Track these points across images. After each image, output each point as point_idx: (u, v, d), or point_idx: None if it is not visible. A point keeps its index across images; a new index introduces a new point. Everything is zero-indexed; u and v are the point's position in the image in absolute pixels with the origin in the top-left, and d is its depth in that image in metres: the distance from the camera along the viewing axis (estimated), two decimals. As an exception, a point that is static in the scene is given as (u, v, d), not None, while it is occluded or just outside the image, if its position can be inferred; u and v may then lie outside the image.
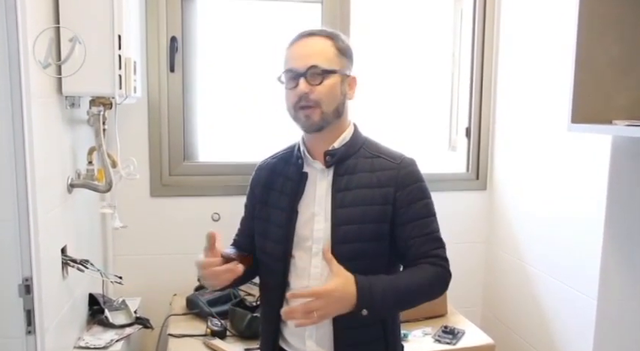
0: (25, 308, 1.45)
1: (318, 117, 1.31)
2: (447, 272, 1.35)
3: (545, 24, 2.17)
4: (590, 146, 1.90)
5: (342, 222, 1.32)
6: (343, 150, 1.36)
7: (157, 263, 2.31)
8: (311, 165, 1.39)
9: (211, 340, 1.90)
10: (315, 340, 1.37)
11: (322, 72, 1.30)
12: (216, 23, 2.36)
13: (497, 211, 2.54)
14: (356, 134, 1.40)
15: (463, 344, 1.98)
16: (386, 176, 1.34)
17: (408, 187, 1.34)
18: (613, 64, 1.54)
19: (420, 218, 1.34)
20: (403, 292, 1.29)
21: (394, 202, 1.32)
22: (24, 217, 1.42)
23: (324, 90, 1.30)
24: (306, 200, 1.38)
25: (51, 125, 1.62)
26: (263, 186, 1.46)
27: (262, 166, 1.50)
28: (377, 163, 1.36)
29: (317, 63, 1.30)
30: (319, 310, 1.20)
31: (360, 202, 1.33)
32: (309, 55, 1.32)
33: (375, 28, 2.54)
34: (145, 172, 2.25)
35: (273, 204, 1.41)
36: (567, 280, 2.04)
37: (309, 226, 1.36)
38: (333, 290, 1.22)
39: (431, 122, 2.74)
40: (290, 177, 1.40)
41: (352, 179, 1.34)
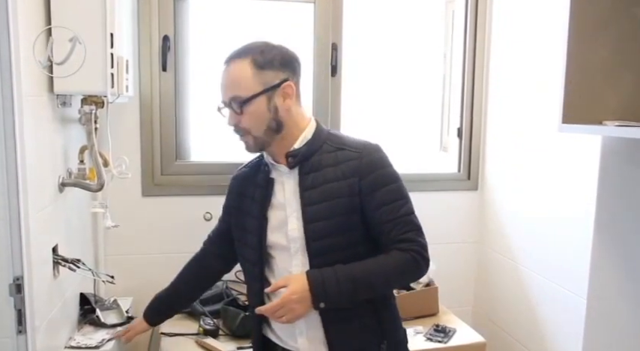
0: (15, 308, 1.44)
1: (252, 142, 1.38)
2: (419, 256, 1.34)
3: (536, 25, 2.19)
4: (581, 146, 1.91)
5: (312, 219, 1.35)
6: (305, 149, 1.38)
7: (148, 263, 2.30)
8: (277, 169, 1.42)
9: (204, 339, 1.90)
10: (306, 337, 1.40)
11: (241, 102, 1.32)
12: (208, 22, 2.36)
13: (488, 211, 2.56)
14: (318, 131, 1.41)
15: (454, 343, 1.99)
16: (349, 167, 1.35)
17: (372, 174, 1.35)
18: (603, 66, 1.56)
19: (387, 203, 1.35)
20: (363, 279, 1.31)
21: (360, 192, 1.34)
22: (15, 216, 1.41)
23: (248, 118, 1.34)
24: (276, 204, 1.41)
25: (42, 124, 1.61)
26: (237, 195, 1.51)
27: (236, 176, 1.56)
28: (340, 155, 1.37)
29: (235, 93, 1.33)
30: (285, 315, 1.30)
31: (327, 197, 1.35)
32: (227, 86, 1.35)
33: (368, 28, 2.54)
34: (136, 172, 2.24)
35: (247, 212, 1.46)
36: (557, 279, 2.06)
37: (283, 229, 1.39)
38: (289, 297, 1.29)
39: (422, 123, 2.76)
40: (259, 184, 1.44)
41: (318, 176, 1.36)
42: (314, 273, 1.31)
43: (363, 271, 1.32)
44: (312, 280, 1.30)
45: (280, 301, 1.29)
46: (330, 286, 1.29)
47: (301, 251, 1.37)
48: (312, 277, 1.30)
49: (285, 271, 1.39)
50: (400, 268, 1.34)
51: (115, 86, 1.71)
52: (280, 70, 1.35)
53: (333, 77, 2.40)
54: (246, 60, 1.33)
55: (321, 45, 2.38)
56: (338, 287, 1.29)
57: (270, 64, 1.34)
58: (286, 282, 1.32)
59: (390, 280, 1.38)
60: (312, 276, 1.31)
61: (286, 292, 1.30)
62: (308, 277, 1.31)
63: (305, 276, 1.31)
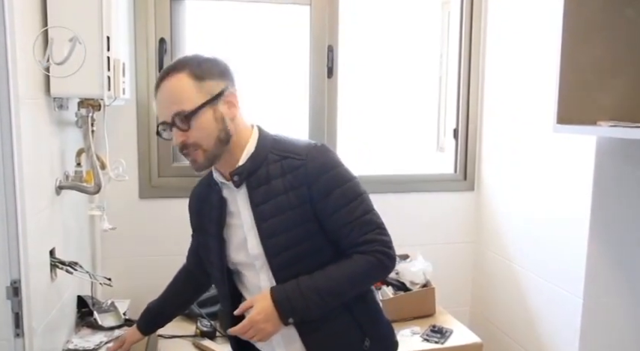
0: (13, 311, 1.44)
1: (202, 157, 1.29)
2: (382, 255, 1.30)
3: (530, 26, 2.20)
4: (576, 147, 1.93)
5: (269, 235, 1.31)
6: (249, 164, 1.32)
7: (145, 265, 2.31)
8: (228, 187, 1.37)
9: (201, 341, 1.91)
10: (284, 348, 1.39)
11: (187, 116, 1.24)
12: (204, 25, 2.37)
13: (485, 211, 2.57)
14: (261, 141, 1.35)
15: (451, 343, 2.00)
16: (295, 176, 1.29)
17: (320, 179, 1.29)
18: (597, 66, 1.56)
19: (341, 207, 1.30)
20: (327, 289, 1.29)
21: (311, 200, 1.29)
22: (12, 219, 1.40)
23: (196, 132, 1.26)
24: (234, 224, 1.38)
25: (39, 127, 1.61)
26: (196, 214, 1.48)
27: (192, 196, 1.51)
28: (286, 164, 1.31)
29: (178, 109, 1.24)
30: (256, 335, 1.28)
31: (279, 210, 1.30)
32: (168, 102, 1.26)
33: (364, 30, 2.55)
34: (133, 174, 2.24)
35: (207, 231, 1.42)
36: (554, 279, 2.07)
37: (244, 247, 1.36)
38: (254, 318, 1.28)
39: (419, 124, 2.77)
40: (213, 204, 1.39)
41: (267, 189, 1.31)
42: (277, 290, 1.29)
43: (326, 280, 1.29)
44: (275, 297, 1.28)
45: (247, 321, 1.28)
46: (296, 300, 1.27)
47: (265, 267, 1.34)
48: (276, 295, 1.28)
49: (256, 286, 1.37)
50: (364, 271, 1.31)
51: (112, 89, 1.71)
52: (220, 80, 1.29)
53: (329, 79, 2.41)
54: (183, 73, 1.26)
55: (317, 47, 2.38)
56: (304, 300, 1.27)
57: (209, 73, 1.28)
58: (252, 302, 1.30)
59: (356, 285, 1.34)
60: (275, 293, 1.28)
61: (252, 313, 1.28)
62: (272, 294, 1.28)
63: (269, 294, 1.29)
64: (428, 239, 2.56)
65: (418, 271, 2.19)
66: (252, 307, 1.29)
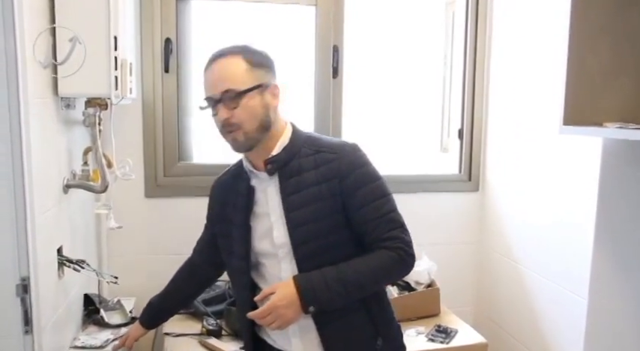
0: (22, 308, 1.45)
1: (242, 138, 1.33)
2: (404, 253, 1.34)
3: (536, 27, 2.20)
4: (582, 148, 1.93)
5: (297, 224, 1.34)
6: (283, 154, 1.37)
7: (151, 264, 2.31)
8: (257, 177, 1.41)
9: (207, 339, 1.92)
10: (300, 339, 1.40)
11: (237, 95, 1.30)
12: (210, 25, 2.37)
13: (489, 212, 2.57)
14: (295, 135, 1.41)
15: (456, 343, 2.00)
16: (329, 169, 1.35)
17: (351, 174, 1.34)
18: (604, 68, 1.57)
19: (369, 203, 1.34)
20: (351, 280, 1.31)
21: (341, 193, 1.34)
22: (21, 218, 1.42)
23: (242, 112, 1.31)
24: (260, 212, 1.41)
25: (47, 126, 1.62)
26: (219, 203, 1.51)
27: (215, 185, 1.55)
28: (319, 158, 1.36)
29: (230, 87, 1.30)
30: (275, 321, 1.30)
31: (309, 201, 1.34)
32: (220, 79, 1.32)
33: (369, 30, 2.56)
34: (139, 173, 2.25)
35: (231, 220, 1.45)
36: (558, 280, 2.07)
37: (268, 236, 1.39)
38: (276, 303, 1.29)
39: (423, 124, 2.77)
40: (241, 192, 1.43)
41: (299, 180, 1.35)
42: (301, 278, 1.31)
43: (351, 271, 1.32)
44: (299, 284, 1.30)
45: (268, 306, 1.29)
46: (320, 289, 1.29)
47: (289, 257, 1.36)
48: (300, 282, 1.30)
49: (276, 277, 1.39)
50: (387, 266, 1.34)
51: (119, 88, 1.72)
52: (268, 71, 1.37)
53: (334, 79, 2.42)
54: (239, 56, 1.33)
55: (322, 47, 2.39)
56: (327, 290, 1.29)
57: (261, 64, 1.35)
58: (274, 289, 1.32)
59: (378, 279, 1.38)
60: (299, 281, 1.30)
61: (274, 298, 1.30)
62: (295, 282, 1.30)
63: (292, 281, 1.31)
64: (432, 239, 2.56)
65: (423, 271, 2.20)
66: (273, 294, 1.31)
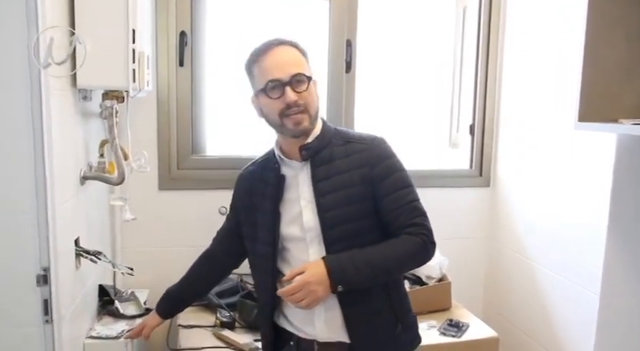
0: (42, 298, 1.47)
1: (307, 121, 1.39)
2: (427, 239, 1.39)
3: (551, 22, 2.20)
4: (595, 144, 1.93)
5: (328, 208, 1.39)
6: (316, 143, 1.43)
7: (164, 256, 2.33)
8: (288, 165, 1.47)
9: (221, 331, 1.94)
10: (324, 321, 1.43)
11: (305, 78, 1.38)
12: (224, 18, 2.38)
13: (500, 207, 2.58)
14: (325, 127, 1.47)
15: (468, 337, 2.02)
16: (360, 157, 1.41)
17: (381, 163, 1.41)
18: (619, 64, 1.57)
19: (396, 190, 1.40)
20: (378, 263, 1.36)
21: (372, 180, 1.40)
22: (42, 209, 1.44)
23: (308, 95, 1.38)
24: (289, 198, 1.45)
25: (66, 118, 1.63)
26: (246, 192, 1.54)
27: (243, 175, 1.59)
28: (350, 148, 1.43)
29: (299, 70, 1.37)
30: (305, 298, 1.32)
31: (340, 186, 1.39)
32: (288, 63, 1.37)
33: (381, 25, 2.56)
34: (153, 166, 2.26)
35: (258, 208, 1.49)
36: (569, 276, 2.08)
37: (297, 221, 1.43)
38: (307, 279, 1.32)
39: (431, 120, 2.77)
40: (270, 182, 1.47)
41: (330, 168, 1.41)
42: (331, 258, 1.35)
43: (378, 254, 1.36)
44: (329, 264, 1.33)
45: (300, 282, 1.32)
46: (349, 268, 1.33)
47: (317, 240, 1.41)
48: (330, 262, 1.34)
49: (302, 261, 1.42)
50: (411, 251, 1.39)
51: (137, 81, 1.73)
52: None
53: (347, 73, 2.42)
54: (294, 48, 1.41)
55: (336, 41, 2.40)
56: (356, 270, 1.33)
57: (308, 57, 1.44)
58: (303, 268, 1.35)
59: (403, 263, 1.43)
60: (329, 260, 1.34)
61: (305, 275, 1.33)
62: (325, 261, 1.34)
63: (322, 261, 1.35)
64: (442, 234, 2.51)
65: (434, 265, 2.21)
66: (302, 273, 1.33)
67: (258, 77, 1.39)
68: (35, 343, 1.49)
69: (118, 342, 1.81)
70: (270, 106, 1.39)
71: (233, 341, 1.88)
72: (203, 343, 1.89)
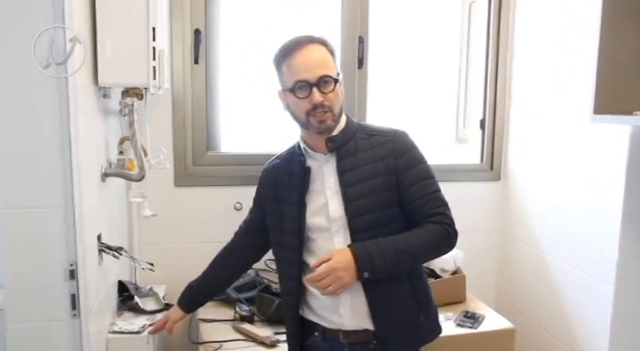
0: (70, 292, 1.49)
1: (331, 121, 1.44)
2: (450, 229, 1.43)
3: (561, 14, 2.21)
4: (608, 137, 1.95)
5: (353, 198, 1.43)
6: (341, 135, 1.47)
7: (180, 252, 2.35)
8: (313, 158, 1.50)
9: (241, 325, 1.96)
10: (350, 309, 1.46)
11: (332, 80, 1.41)
12: (238, 16, 2.40)
13: (511, 200, 2.60)
14: (349, 121, 1.51)
15: (484, 328, 2.04)
16: (384, 149, 1.46)
17: (405, 154, 1.46)
18: (634, 57, 1.59)
19: (420, 180, 1.45)
20: (403, 250, 1.39)
21: (396, 170, 1.44)
22: (69, 205, 1.46)
23: (334, 97, 1.42)
24: (315, 190, 1.49)
25: (89, 115, 1.65)
26: (271, 185, 1.57)
27: (268, 168, 1.62)
28: (374, 140, 1.48)
29: (326, 72, 1.40)
30: (332, 284, 1.35)
31: (365, 177, 1.44)
32: (316, 64, 1.40)
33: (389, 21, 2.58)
34: (169, 162, 2.27)
35: (284, 200, 1.52)
36: (583, 267, 2.10)
37: (323, 211, 1.46)
38: (334, 265, 1.35)
39: (438, 116, 2.80)
40: (295, 173, 1.51)
41: (355, 159, 1.46)
42: (357, 245, 1.38)
43: (403, 242, 1.40)
44: (355, 251, 1.37)
45: (326, 269, 1.34)
46: (375, 255, 1.36)
47: (343, 229, 1.44)
48: (356, 249, 1.37)
49: (327, 251, 1.44)
50: (435, 239, 1.42)
51: (157, 78, 1.75)
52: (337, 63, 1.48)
53: (359, 69, 2.44)
54: (323, 46, 1.44)
55: (348, 38, 2.41)
56: (382, 257, 1.36)
57: (335, 55, 1.47)
58: (330, 255, 1.38)
59: (428, 251, 1.45)
60: (355, 247, 1.38)
61: (332, 261, 1.35)
62: (351, 248, 1.37)
63: (348, 249, 1.38)
64: (454, 228, 2.58)
65: (449, 258, 2.23)
66: (329, 260, 1.36)
67: (287, 75, 1.42)
68: (62, 338, 1.51)
69: (139, 337, 1.83)
70: (297, 105, 1.43)
71: (254, 334, 1.90)
72: (224, 336, 1.92)
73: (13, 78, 1.39)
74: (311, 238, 1.49)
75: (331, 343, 1.50)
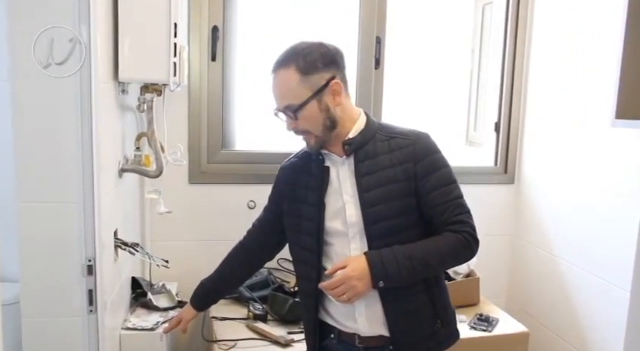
0: (87, 288, 1.49)
1: (313, 141, 1.42)
2: (470, 237, 1.39)
3: (581, 18, 2.20)
4: (626, 141, 1.94)
5: (371, 204, 1.39)
6: (359, 138, 1.43)
7: (193, 249, 2.35)
8: (331, 159, 1.47)
9: (255, 323, 1.95)
10: (365, 317, 1.44)
11: (295, 109, 1.37)
12: (256, 14, 2.39)
13: (525, 204, 2.59)
14: (369, 121, 1.47)
15: (499, 331, 2.03)
16: (404, 153, 1.41)
17: (425, 159, 1.41)
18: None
19: (440, 186, 1.40)
20: (420, 259, 1.36)
21: (415, 176, 1.39)
22: (89, 200, 1.46)
23: (304, 121, 1.39)
24: (332, 192, 1.45)
25: (109, 110, 1.65)
26: (288, 184, 1.54)
27: (285, 166, 1.59)
28: (393, 143, 1.43)
29: (287, 102, 1.38)
30: (347, 292, 1.33)
31: (384, 182, 1.39)
32: (280, 95, 1.40)
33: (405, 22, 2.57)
34: (185, 159, 2.28)
35: (302, 200, 1.49)
36: (598, 272, 2.08)
37: (340, 215, 1.43)
38: (349, 274, 1.33)
39: (450, 118, 2.79)
40: (313, 173, 1.48)
41: (373, 163, 1.41)
42: (373, 253, 1.36)
43: (420, 250, 1.36)
44: (371, 259, 1.34)
45: (341, 277, 1.33)
46: (390, 265, 1.34)
47: (359, 235, 1.41)
48: (371, 257, 1.35)
49: (343, 256, 1.43)
50: (454, 248, 1.38)
51: (177, 75, 1.75)
52: (325, 70, 1.37)
53: (376, 70, 2.44)
54: (291, 68, 1.36)
55: (365, 38, 2.41)
56: (397, 266, 1.34)
57: (314, 67, 1.36)
58: (346, 262, 1.36)
59: (445, 260, 1.42)
60: (371, 256, 1.35)
61: (347, 270, 1.34)
62: (367, 257, 1.35)
63: (364, 256, 1.36)
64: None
65: (463, 261, 2.22)
66: (344, 268, 1.35)
67: None
68: (78, 334, 1.51)
69: (153, 333, 1.83)
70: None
71: (267, 333, 1.90)
72: (238, 335, 1.91)
73: (33, 73, 1.38)
74: (328, 241, 1.46)
75: (347, 346, 1.49)
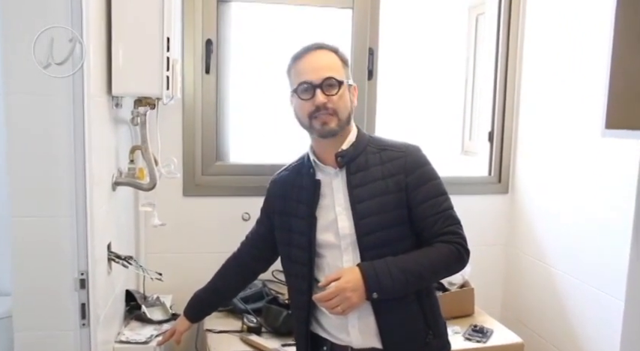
0: (80, 302, 1.48)
1: (335, 124, 1.41)
2: (461, 248, 1.40)
3: (571, 27, 2.22)
4: (618, 151, 1.95)
5: (363, 215, 1.40)
6: (351, 150, 1.45)
7: (187, 261, 2.35)
8: (323, 171, 1.48)
9: (248, 336, 1.95)
10: (358, 329, 1.44)
11: (337, 83, 1.40)
12: (249, 27, 2.41)
13: (518, 213, 2.59)
14: (360, 134, 1.49)
15: (493, 342, 2.03)
16: (395, 165, 1.43)
17: (416, 171, 1.43)
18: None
19: (430, 198, 1.42)
20: (413, 271, 1.36)
21: (406, 188, 1.41)
22: (81, 213, 1.46)
23: (339, 99, 1.41)
24: (324, 204, 1.46)
25: (102, 124, 1.66)
26: (279, 197, 1.55)
27: (276, 180, 1.60)
28: (385, 155, 1.45)
29: (331, 74, 1.40)
30: (341, 304, 1.34)
31: (376, 193, 1.41)
32: (322, 67, 1.41)
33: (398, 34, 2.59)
34: (179, 172, 2.28)
35: (293, 213, 1.50)
36: (591, 281, 2.09)
37: (333, 227, 1.44)
38: (343, 285, 1.34)
39: (445, 127, 2.80)
40: (304, 186, 1.49)
41: (365, 175, 1.43)
42: (366, 265, 1.36)
43: (412, 262, 1.37)
44: (364, 271, 1.35)
45: (335, 289, 1.33)
46: (383, 276, 1.34)
47: (352, 247, 1.42)
48: (365, 268, 1.35)
49: (336, 268, 1.43)
50: (446, 259, 1.39)
51: (170, 88, 1.76)
52: (350, 74, 1.48)
53: (369, 81, 2.45)
54: (334, 53, 1.44)
55: (358, 49, 2.42)
56: (390, 277, 1.34)
57: (348, 65, 1.47)
58: (339, 274, 1.36)
59: (437, 271, 1.43)
60: (364, 267, 1.36)
61: (340, 281, 1.34)
62: (360, 268, 1.35)
63: (357, 268, 1.36)
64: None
65: (457, 271, 2.22)
66: (338, 279, 1.35)
67: (293, 78, 1.44)
68: (71, 347, 1.50)
69: (146, 347, 1.82)
70: (300, 107, 1.43)
71: (261, 346, 1.89)
72: (231, 347, 1.91)
73: (26, 87, 1.39)
74: (320, 254, 1.47)
75: None
